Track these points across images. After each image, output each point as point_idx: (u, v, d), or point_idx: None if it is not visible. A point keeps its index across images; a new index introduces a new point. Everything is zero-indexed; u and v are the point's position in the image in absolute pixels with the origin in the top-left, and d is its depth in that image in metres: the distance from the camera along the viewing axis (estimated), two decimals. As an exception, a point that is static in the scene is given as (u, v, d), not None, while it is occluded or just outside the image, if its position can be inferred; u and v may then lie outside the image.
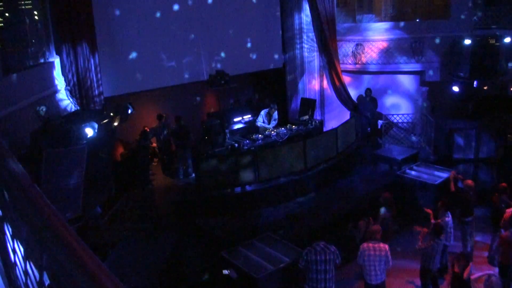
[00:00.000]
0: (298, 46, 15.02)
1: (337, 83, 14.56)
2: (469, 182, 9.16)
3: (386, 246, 7.06)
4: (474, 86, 12.38)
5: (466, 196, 8.88)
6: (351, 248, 8.81)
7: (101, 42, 10.82)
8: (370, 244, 7.01)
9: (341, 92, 14.61)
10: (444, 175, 10.51)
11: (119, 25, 11.45)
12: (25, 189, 2.56)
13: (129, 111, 9.97)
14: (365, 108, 14.06)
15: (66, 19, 10.05)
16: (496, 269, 8.06)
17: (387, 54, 14.23)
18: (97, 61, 10.61)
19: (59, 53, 10.18)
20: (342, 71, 14.66)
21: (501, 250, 7.69)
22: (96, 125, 8.33)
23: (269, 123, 12.62)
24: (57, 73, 10.07)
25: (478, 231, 9.76)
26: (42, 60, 9.61)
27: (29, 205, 2.40)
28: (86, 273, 1.70)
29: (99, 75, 10.70)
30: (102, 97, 10.84)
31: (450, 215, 8.33)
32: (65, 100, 10.14)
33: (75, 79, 10.32)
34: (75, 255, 1.82)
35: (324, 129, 13.64)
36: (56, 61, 10.09)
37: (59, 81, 10.09)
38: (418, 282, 8.04)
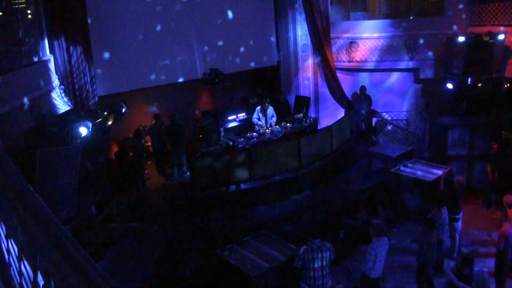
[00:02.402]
0: (292, 44, 15.01)
1: (331, 81, 14.59)
2: (459, 178, 9.19)
3: (386, 239, 7.11)
4: (468, 83, 12.41)
5: (455, 193, 8.88)
6: (346, 245, 8.84)
7: (95, 41, 10.78)
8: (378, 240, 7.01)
9: (336, 90, 14.63)
10: (439, 172, 10.55)
11: (113, 24, 11.41)
12: (19, 189, 2.55)
13: (123, 110, 9.94)
14: (360, 106, 14.08)
15: (60, 18, 10.00)
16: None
17: (381, 51, 14.25)
18: (91, 59, 10.57)
19: (52, 52, 10.12)
20: (336, 68, 14.68)
21: (502, 245, 7.59)
22: (90, 124, 8.29)
23: (265, 119, 12.56)
24: (51, 72, 10.02)
25: (471, 227, 9.82)
26: (35, 59, 9.55)
27: (23, 205, 2.39)
28: (81, 274, 1.70)
29: (92, 74, 10.67)
30: (96, 96, 10.80)
31: (446, 211, 8.37)
32: (59, 99, 10.09)
33: (68, 78, 10.27)
34: (69, 256, 1.82)
35: (319, 127, 13.64)
36: (50, 60, 10.04)
37: (53, 80, 10.04)
38: (410, 277, 8.06)
